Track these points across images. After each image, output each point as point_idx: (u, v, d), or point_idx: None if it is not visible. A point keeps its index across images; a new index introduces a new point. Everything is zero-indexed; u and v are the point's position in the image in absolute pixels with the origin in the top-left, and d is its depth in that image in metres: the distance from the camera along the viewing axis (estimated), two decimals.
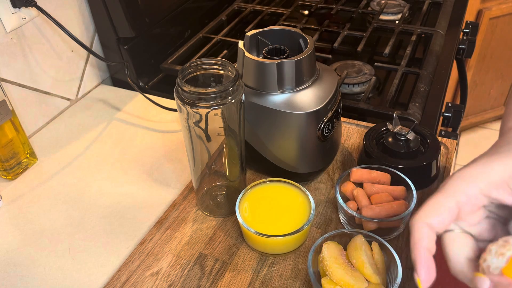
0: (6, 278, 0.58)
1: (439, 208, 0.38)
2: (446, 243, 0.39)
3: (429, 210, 0.38)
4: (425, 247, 0.38)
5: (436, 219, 0.38)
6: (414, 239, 0.38)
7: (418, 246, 0.38)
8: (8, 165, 0.70)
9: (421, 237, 0.37)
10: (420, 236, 0.38)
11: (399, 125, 0.66)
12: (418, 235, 0.38)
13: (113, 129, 0.82)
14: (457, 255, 0.39)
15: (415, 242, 0.38)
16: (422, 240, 0.37)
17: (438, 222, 0.38)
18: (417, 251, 0.38)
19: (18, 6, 0.73)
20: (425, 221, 0.38)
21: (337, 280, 0.49)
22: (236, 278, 0.56)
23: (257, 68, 0.59)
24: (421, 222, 0.38)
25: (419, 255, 0.38)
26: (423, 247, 0.37)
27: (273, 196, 0.61)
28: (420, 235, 0.38)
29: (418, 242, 0.38)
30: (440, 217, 0.38)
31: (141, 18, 0.88)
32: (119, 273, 0.58)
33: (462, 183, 0.38)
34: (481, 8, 1.79)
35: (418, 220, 0.38)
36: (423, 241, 0.38)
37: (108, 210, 0.66)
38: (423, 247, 0.38)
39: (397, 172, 0.61)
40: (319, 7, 1.16)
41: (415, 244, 0.38)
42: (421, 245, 0.37)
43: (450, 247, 0.39)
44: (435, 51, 0.95)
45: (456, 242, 0.39)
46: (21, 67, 0.77)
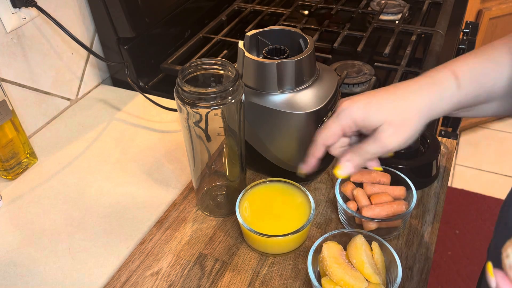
0: (6, 278, 0.58)
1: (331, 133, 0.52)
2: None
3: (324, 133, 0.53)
4: (317, 157, 0.54)
5: (329, 141, 0.53)
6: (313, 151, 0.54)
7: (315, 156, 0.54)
8: (8, 165, 0.70)
9: (318, 151, 0.54)
10: (318, 150, 0.54)
11: None
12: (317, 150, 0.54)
13: (113, 129, 0.82)
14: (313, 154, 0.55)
15: (313, 153, 0.54)
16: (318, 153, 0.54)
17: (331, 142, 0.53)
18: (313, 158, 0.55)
19: (18, 6, 0.73)
20: (323, 143, 0.53)
21: (337, 280, 0.49)
22: (236, 278, 0.56)
23: (257, 68, 0.59)
24: (320, 143, 0.53)
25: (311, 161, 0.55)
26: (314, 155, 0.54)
27: (273, 196, 0.61)
28: (318, 150, 0.54)
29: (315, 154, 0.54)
30: (331, 139, 0.53)
31: (141, 18, 0.88)
32: (119, 273, 0.58)
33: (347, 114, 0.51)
34: (481, 8, 1.79)
35: (319, 141, 0.53)
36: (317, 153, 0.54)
37: (108, 210, 0.66)
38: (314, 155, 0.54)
39: (397, 172, 0.61)
40: (319, 7, 1.16)
41: (313, 154, 0.54)
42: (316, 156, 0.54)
43: None
44: (435, 51, 0.95)
45: None
46: (21, 67, 0.77)
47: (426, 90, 0.49)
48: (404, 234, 0.60)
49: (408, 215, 0.58)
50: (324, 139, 0.53)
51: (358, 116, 0.50)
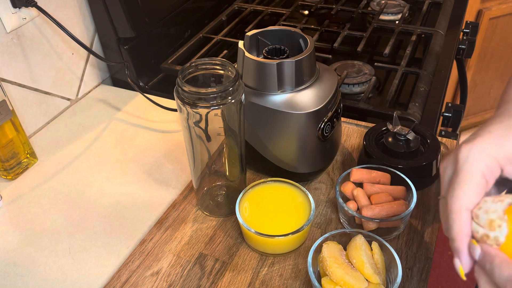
0: (6, 278, 0.58)
1: (474, 189, 0.37)
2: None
3: (466, 196, 0.37)
4: (468, 235, 0.37)
5: (475, 201, 0.37)
6: (458, 227, 0.37)
7: (462, 236, 0.37)
8: (8, 165, 0.70)
9: (465, 226, 0.37)
10: (465, 225, 0.37)
11: (399, 125, 0.66)
12: (463, 224, 0.37)
13: (113, 129, 0.82)
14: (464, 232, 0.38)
15: (460, 232, 0.37)
16: (466, 229, 0.37)
17: (476, 202, 0.37)
18: (461, 242, 0.37)
19: (18, 6, 0.73)
20: (468, 208, 0.37)
21: (337, 280, 0.49)
22: (236, 278, 0.56)
23: (257, 68, 0.59)
24: (464, 211, 0.37)
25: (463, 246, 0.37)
26: (466, 236, 0.37)
27: (273, 196, 0.61)
28: (464, 225, 0.37)
29: (462, 232, 0.37)
30: (477, 198, 0.37)
31: (141, 18, 0.88)
32: (119, 273, 0.58)
33: (483, 157, 0.38)
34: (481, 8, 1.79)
35: (461, 208, 0.37)
36: (466, 230, 0.37)
37: (108, 210, 0.66)
38: (467, 236, 0.37)
39: (397, 172, 0.61)
40: (319, 7, 1.16)
41: (459, 234, 0.37)
42: (465, 234, 0.37)
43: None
44: (435, 51, 0.95)
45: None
46: (21, 67, 0.77)
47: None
48: (404, 234, 0.60)
49: (408, 215, 0.58)
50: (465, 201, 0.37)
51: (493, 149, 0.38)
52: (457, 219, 0.37)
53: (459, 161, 0.38)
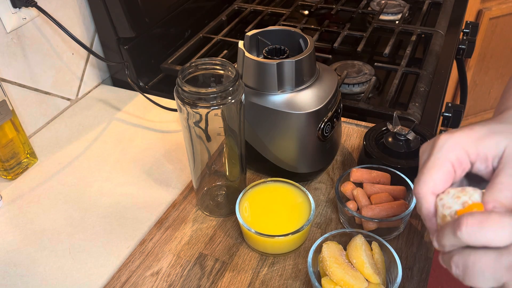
0: (6, 278, 0.58)
1: (442, 175, 0.40)
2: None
3: (433, 180, 0.40)
4: (434, 214, 0.40)
5: (441, 186, 0.40)
6: (426, 210, 0.40)
7: (431, 217, 0.40)
8: (8, 165, 0.70)
9: (432, 207, 0.40)
10: (431, 206, 0.40)
11: (399, 125, 0.66)
12: (429, 206, 0.40)
13: (113, 129, 0.82)
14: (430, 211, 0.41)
15: (428, 213, 0.40)
16: (432, 210, 0.40)
17: (442, 188, 0.40)
18: (430, 222, 0.40)
19: (18, 6, 0.73)
20: (433, 191, 0.40)
21: (337, 280, 0.49)
22: (236, 278, 0.56)
23: (257, 68, 0.59)
24: (429, 193, 0.40)
25: (433, 225, 0.40)
26: (434, 216, 0.40)
27: (273, 196, 0.61)
28: (431, 206, 0.40)
29: (431, 213, 0.40)
30: (443, 184, 0.40)
31: (141, 18, 0.88)
32: (119, 273, 0.58)
33: (456, 148, 0.40)
34: (481, 8, 1.79)
35: (427, 192, 0.40)
36: (433, 210, 0.40)
37: (108, 210, 0.66)
38: (434, 216, 0.40)
39: (397, 172, 0.61)
40: (319, 7, 1.16)
41: (429, 215, 0.40)
42: (432, 215, 0.40)
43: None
44: (435, 51, 0.95)
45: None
46: (21, 67, 0.77)
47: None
48: (404, 234, 0.60)
49: (408, 215, 0.58)
50: (433, 183, 0.40)
51: (468, 143, 0.39)
52: (424, 202, 0.40)
53: (435, 148, 0.41)
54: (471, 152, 0.40)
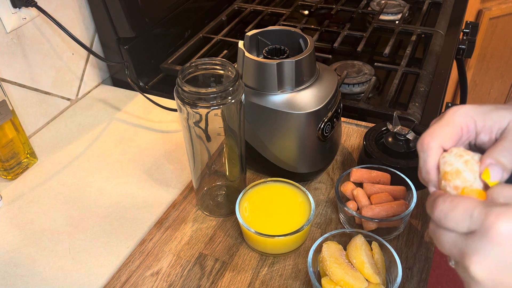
0: (6, 278, 0.58)
1: (452, 131, 0.42)
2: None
3: (443, 133, 0.42)
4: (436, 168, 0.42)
5: (450, 142, 0.41)
6: (432, 161, 0.41)
7: (434, 171, 0.42)
8: (8, 165, 0.70)
9: (437, 160, 0.41)
10: (436, 157, 0.41)
11: (399, 125, 0.66)
12: (435, 156, 0.41)
13: (113, 129, 0.82)
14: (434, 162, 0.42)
15: (434, 165, 0.41)
16: (437, 163, 0.41)
17: (449, 145, 0.41)
18: (431, 175, 0.42)
19: (18, 6, 0.73)
20: (441, 143, 0.41)
21: (337, 280, 0.49)
22: (236, 278, 0.56)
23: (257, 68, 0.59)
24: (437, 144, 0.41)
25: (433, 178, 0.42)
26: (436, 170, 0.42)
27: (273, 196, 0.61)
28: (436, 157, 0.41)
29: (435, 167, 0.42)
30: (451, 141, 0.42)
31: (141, 18, 0.88)
32: (119, 273, 0.58)
33: (467, 117, 0.42)
34: (481, 8, 1.79)
35: (436, 141, 0.41)
36: (437, 164, 0.41)
37: (108, 210, 0.66)
38: (436, 170, 0.42)
39: (397, 172, 0.61)
40: (319, 7, 1.16)
41: (432, 169, 0.42)
42: (436, 169, 0.42)
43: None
44: (435, 51, 0.95)
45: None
46: (21, 67, 0.77)
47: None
48: (404, 234, 0.60)
49: (408, 215, 0.58)
50: (440, 139, 0.41)
51: (477, 114, 0.42)
52: (431, 154, 0.41)
53: (446, 113, 0.43)
54: (479, 122, 0.42)
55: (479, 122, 0.42)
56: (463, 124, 0.42)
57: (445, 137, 0.42)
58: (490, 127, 0.42)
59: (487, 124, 0.42)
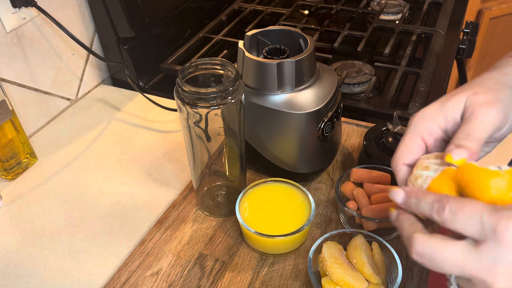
0: (6, 278, 0.58)
1: (409, 147, 0.44)
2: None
3: (403, 152, 0.44)
4: (403, 179, 0.44)
5: (410, 157, 0.43)
6: (400, 179, 0.44)
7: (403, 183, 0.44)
8: (8, 165, 0.70)
9: (404, 176, 0.44)
10: (404, 175, 0.44)
11: (399, 125, 0.66)
12: (401, 175, 0.44)
13: (113, 129, 0.82)
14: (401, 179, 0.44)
15: (401, 182, 0.44)
16: (404, 177, 0.44)
17: (412, 159, 0.43)
18: (406, 188, 0.42)
19: (18, 6, 0.73)
20: (402, 162, 0.44)
21: (337, 280, 0.49)
22: (236, 278, 0.56)
23: (257, 68, 0.59)
24: (400, 164, 0.44)
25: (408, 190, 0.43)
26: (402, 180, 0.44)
27: (273, 196, 0.61)
28: (402, 174, 0.44)
29: (403, 180, 0.44)
30: (412, 155, 0.43)
31: (141, 18, 0.88)
32: (119, 273, 0.58)
33: (423, 121, 0.44)
34: (481, 8, 1.79)
35: (398, 163, 0.44)
36: (405, 176, 0.44)
37: (108, 210, 0.66)
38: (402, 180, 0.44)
39: None
40: (319, 7, 1.16)
41: (402, 182, 0.44)
42: (403, 182, 0.44)
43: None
44: (435, 51, 0.95)
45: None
46: (21, 67, 0.77)
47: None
48: None
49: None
50: (401, 155, 0.44)
51: (434, 112, 0.43)
52: (396, 171, 0.44)
53: (408, 126, 0.45)
54: (438, 119, 0.43)
55: (439, 119, 0.43)
56: (423, 130, 0.43)
57: (405, 155, 0.44)
58: (452, 117, 0.43)
59: (448, 116, 0.43)
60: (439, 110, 0.43)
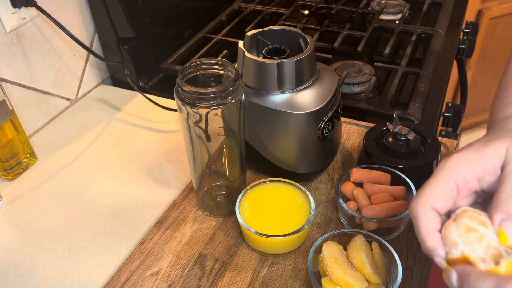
0: (6, 278, 0.58)
1: (442, 190, 0.37)
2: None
3: (432, 194, 0.37)
4: (436, 231, 0.37)
5: (441, 202, 0.37)
6: (425, 226, 0.37)
7: (431, 233, 0.37)
8: (8, 165, 0.70)
9: (431, 223, 0.37)
10: (430, 222, 0.37)
11: (399, 125, 0.66)
12: (428, 221, 0.37)
13: (113, 129, 0.82)
14: (428, 227, 0.38)
15: (428, 230, 0.37)
16: (432, 226, 0.37)
17: (442, 206, 0.37)
18: (432, 239, 0.37)
19: (18, 6, 0.73)
20: (431, 205, 0.37)
21: (337, 280, 0.49)
22: (236, 278, 0.56)
23: (257, 68, 0.59)
24: (427, 207, 0.37)
25: (435, 242, 0.37)
26: (435, 232, 0.37)
27: (273, 196, 0.61)
28: (429, 221, 0.37)
29: (430, 230, 0.37)
30: (443, 200, 0.37)
31: (141, 18, 0.88)
32: (119, 273, 0.58)
33: (459, 166, 0.38)
34: (481, 8, 1.79)
35: (424, 205, 0.37)
36: (433, 226, 0.37)
37: (108, 210, 0.66)
38: (435, 233, 0.37)
39: (397, 172, 0.61)
40: (319, 7, 1.16)
41: (428, 232, 0.37)
42: (433, 231, 0.37)
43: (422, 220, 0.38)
44: (435, 51, 0.95)
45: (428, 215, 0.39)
46: (21, 67, 0.77)
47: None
48: (404, 234, 0.60)
49: (408, 215, 0.58)
50: (431, 197, 0.37)
51: (470, 159, 0.37)
52: (420, 214, 0.37)
53: (437, 168, 0.39)
54: (476, 167, 0.38)
55: (477, 167, 0.38)
56: (458, 177, 0.37)
57: (436, 198, 0.37)
58: (492, 166, 0.37)
59: (487, 165, 0.37)
60: (475, 158, 0.38)
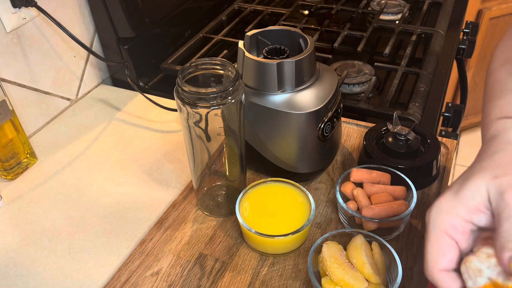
0: (6, 278, 0.58)
1: (440, 249, 0.38)
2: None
3: (434, 257, 0.38)
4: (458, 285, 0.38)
5: (446, 260, 0.38)
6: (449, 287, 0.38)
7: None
8: (8, 165, 0.70)
9: (451, 282, 0.37)
10: (450, 281, 0.37)
11: (399, 125, 0.66)
12: (445, 283, 0.37)
13: (113, 129, 0.82)
14: (436, 260, 0.39)
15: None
16: (454, 284, 0.37)
17: (449, 261, 0.38)
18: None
19: (18, 6, 0.73)
20: (439, 268, 0.38)
21: (337, 280, 0.49)
22: (236, 278, 0.56)
23: (257, 68, 0.59)
24: (436, 272, 0.38)
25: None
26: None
27: (273, 196, 0.61)
28: (449, 281, 0.37)
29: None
30: (447, 256, 0.38)
31: (141, 18, 0.88)
32: (119, 273, 0.58)
33: (442, 216, 0.39)
34: (481, 8, 1.79)
35: (433, 271, 0.38)
36: (455, 284, 0.37)
37: (108, 210, 0.66)
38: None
39: (397, 172, 0.61)
40: (319, 7, 1.16)
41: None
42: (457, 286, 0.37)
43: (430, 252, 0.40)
44: (435, 51, 0.95)
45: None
46: (21, 67, 0.77)
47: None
48: (404, 234, 0.60)
49: (408, 215, 0.58)
50: (434, 261, 0.38)
51: (450, 202, 0.38)
52: (439, 281, 0.38)
53: (426, 226, 0.40)
54: (459, 211, 0.38)
55: (459, 211, 0.38)
56: (446, 227, 0.38)
57: (440, 259, 0.38)
58: (474, 206, 0.37)
59: (470, 206, 0.38)
60: (455, 201, 0.38)
